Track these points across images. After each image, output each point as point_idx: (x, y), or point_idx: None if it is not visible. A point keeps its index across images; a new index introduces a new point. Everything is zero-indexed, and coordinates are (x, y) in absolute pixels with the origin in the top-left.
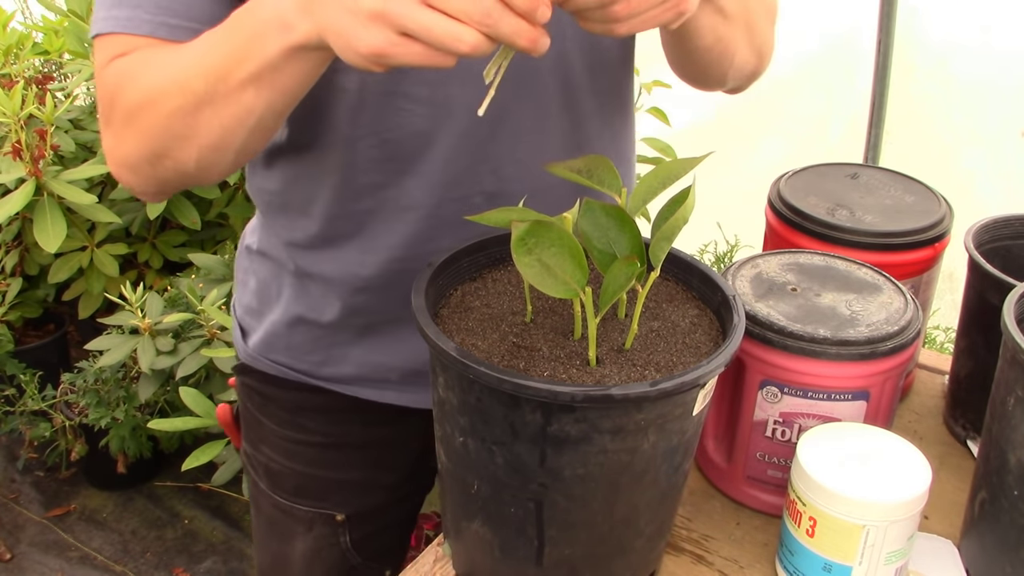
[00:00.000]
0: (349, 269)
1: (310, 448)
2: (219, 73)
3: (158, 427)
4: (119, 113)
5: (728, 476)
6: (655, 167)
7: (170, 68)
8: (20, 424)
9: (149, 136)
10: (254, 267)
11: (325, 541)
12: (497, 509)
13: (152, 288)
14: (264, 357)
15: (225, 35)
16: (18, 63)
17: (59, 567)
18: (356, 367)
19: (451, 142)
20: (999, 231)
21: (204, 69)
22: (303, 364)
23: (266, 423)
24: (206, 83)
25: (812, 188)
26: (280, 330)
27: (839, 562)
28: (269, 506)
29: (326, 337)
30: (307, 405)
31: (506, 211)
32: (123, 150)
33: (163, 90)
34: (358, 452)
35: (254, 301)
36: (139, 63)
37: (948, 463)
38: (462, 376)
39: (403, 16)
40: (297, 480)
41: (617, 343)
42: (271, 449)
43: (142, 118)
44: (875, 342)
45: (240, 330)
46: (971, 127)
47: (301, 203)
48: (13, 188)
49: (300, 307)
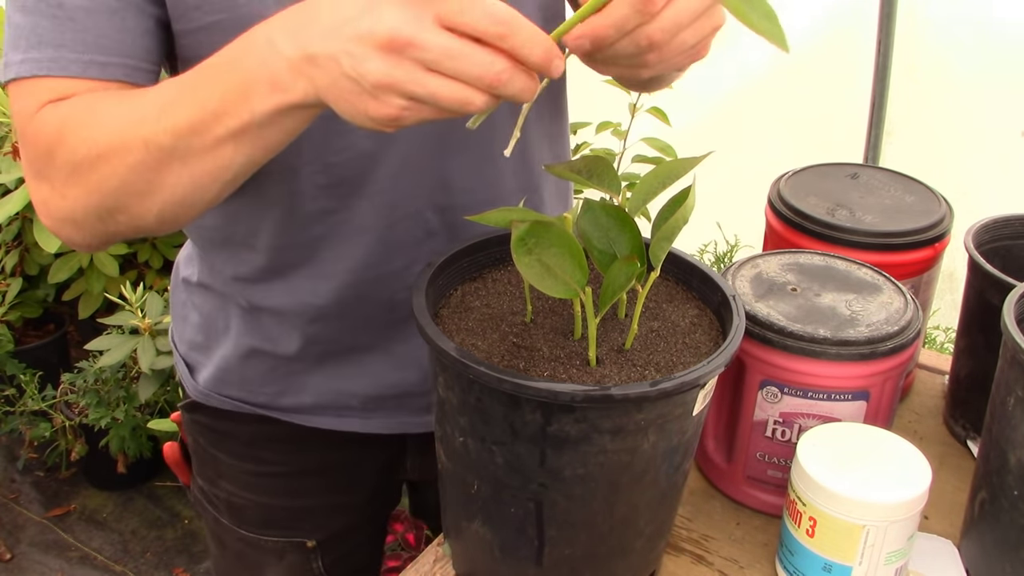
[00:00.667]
0: (302, 299)
1: (271, 479)
2: (192, 127)
3: (158, 427)
4: (61, 166)
5: (728, 476)
6: (655, 167)
7: (125, 118)
8: (20, 424)
9: (101, 192)
10: (195, 300)
11: (298, 569)
12: (497, 509)
13: (152, 288)
14: (216, 393)
15: (197, 87)
16: None
17: (59, 567)
18: (315, 396)
19: (397, 161)
20: (999, 231)
21: (172, 123)
22: (259, 397)
23: (222, 458)
24: (175, 137)
25: (812, 188)
26: (232, 364)
27: (839, 562)
28: (234, 540)
29: (282, 367)
30: (263, 436)
31: (506, 211)
32: (65, 205)
33: (119, 143)
34: (320, 478)
35: (199, 336)
36: (83, 110)
37: (948, 463)
38: (462, 376)
39: (410, 84)
40: (262, 512)
41: (617, 343)
42: (231, 483)
43: (92, 173)
44: (875, 342)
45: (186, 366)
46: (971, 127)
47: (244, 236)
48: (13, 188)
49: (253, 339)
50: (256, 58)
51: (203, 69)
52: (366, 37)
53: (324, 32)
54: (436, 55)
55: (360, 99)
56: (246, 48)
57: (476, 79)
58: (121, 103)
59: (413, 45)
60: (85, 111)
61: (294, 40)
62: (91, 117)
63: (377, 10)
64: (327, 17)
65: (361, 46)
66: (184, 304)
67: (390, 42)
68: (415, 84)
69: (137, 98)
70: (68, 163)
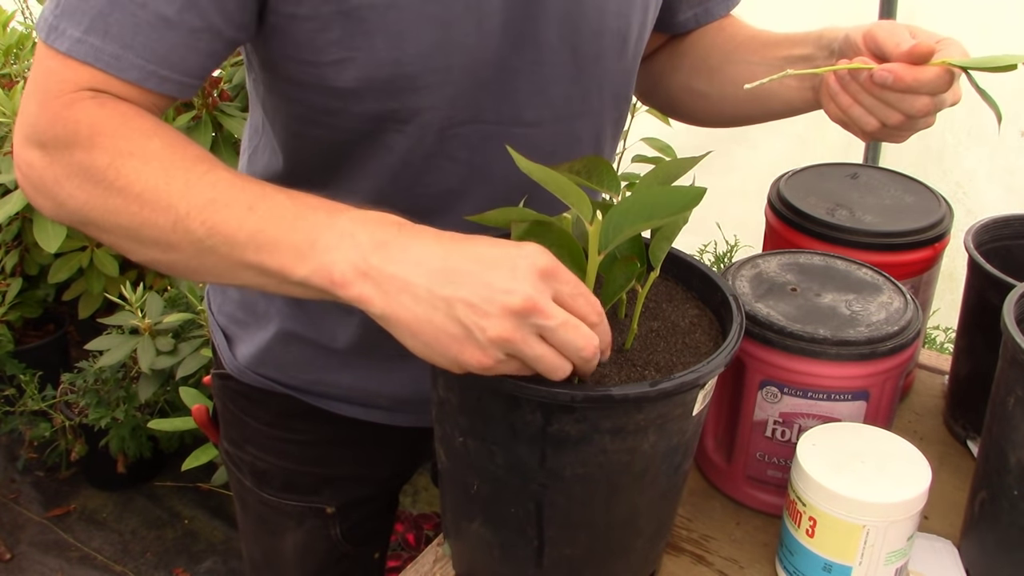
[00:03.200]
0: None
1: (298, 446)
2: (229, 240)
3: (158, 427)
4: (73, 164)
5: (728, 476)
6: (655, 167)
7: (169, 184)
8: (20, 424)
9: (98, 215)
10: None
11: (316, 534)
12: (497, 509)
13: (152, 288)
14: (252, 371)
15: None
16: (18, 63)
17: (59, 567)
18: (346, 390)
19: (480, 203)
20: (999, 231)
21: (213, 221)
22: (293, 380)
23: (250, 423)
24: (208, 235)
25: (812, 188)
26: (272, 347)
27: (839, 562)
28: (256, 503)
29: (319, 358)
30: (293, 411)
31: (506, 211)
32: (54, 188)
33: (152, 201)
34: (346, 450)
35: (239, 312)
36: (128, 138)
37: (948, 463)
38: (462, 376)
39: (522, 344)
40: (284, 477)
41: (617, 343)
42: (256, 448)
43: (108, 200)
44: (875, 342)
45: (224, 337)
46: (971, 127)
47: None
48: (13, 188)
49: (296, 326)
50: (329, 240)
51: (267, 199)
52: (501, 295)
53: (442, 271)
54: (556, 324)
55: (461, 345)
56: (323, 222)
57: (579, 349)
58: (173, 155)
59: (541, 313)
60: (130, 136)
61: (382, 255)
62: (135, 148)
63: (516, 274)
64: (443, 261)
65: (491, 303)
66: None
67: (523, 308)
68: (527, 346)
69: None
70: (83, 168)
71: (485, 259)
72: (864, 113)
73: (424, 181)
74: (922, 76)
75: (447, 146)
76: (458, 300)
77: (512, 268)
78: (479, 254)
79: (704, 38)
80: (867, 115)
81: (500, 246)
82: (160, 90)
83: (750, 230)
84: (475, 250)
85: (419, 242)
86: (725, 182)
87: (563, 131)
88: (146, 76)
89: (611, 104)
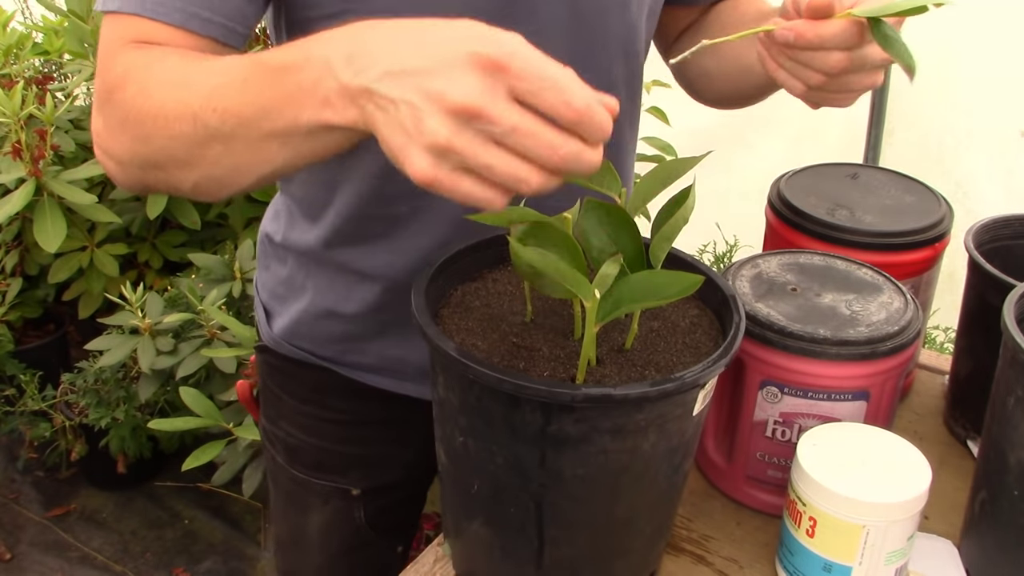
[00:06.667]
0: (378, 268)
1: (331, 424)
2: (240, 118)
3: (158, 427)
4: (116, 109)
5: (728, 476)
6: (655, 167)
7: (183, 83)
8: (20, 424)
9: (146, 148)
10: (278, 255)
11: (340, 515)
12: (497, 509)
13: (152, 288)
14: (287, 342)
15: (251, 79)
16: (18, 63)
17: (59, 567)
18: (376, 359)
19: None
20: (999, 231)
21: (222, 106)
22: (326, 351)
23: (286, 399)
24: (222, 121)
25: (812, 188)
26: (306, 319)
27: (839, 562)
28: (287, 480)
29: (351, 330)
30: (327, 385)
31: (506, 211)
32: (114, 144)
33: (170, 108)
34: (376, 429)
35: (280, 288)
36: (151, 65)
37: (948, 463)
38: (462, 376)
39: (467, 152)
40: (315, 455)
41: (617, 343)
42: (290, 425)
43: (141, 128)
44: (875, 342)
45: (264, 311)
46: (971, 127)
47: (336, 204)
48: (13, 188)
49: (328, 300)
50: (311, 74)
51: (257, 65)
52: (436, 97)
53: (390, 73)
54: (504, 130)
55: (406, 151)
56: (301, 61)
57: (543, 159)
58: (185, 65)
59: (482, 117)
60: (154, 65)
61: (352, 68)
62: (152, 75)
63: (453, 71)
64: (395, 58)
65: (428, 103)
66: (267, 255)
67: (461, 109)
68: (472, 154)
69: (198, 65)
70: (122, 109)
71: (430, 51)
72: (788, 76)
73: None
74: (825, 31)
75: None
76: (402, 102)
77: (452, 60)
78: (425, 44)
79: (721, 14)
80: (791, 78)
81: (447, 31)
82: (205, 32)
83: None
84: (423, 39)
85: (378, 42)
86: (725, 182)
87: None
88: (188, 18)
89: (620, 60)
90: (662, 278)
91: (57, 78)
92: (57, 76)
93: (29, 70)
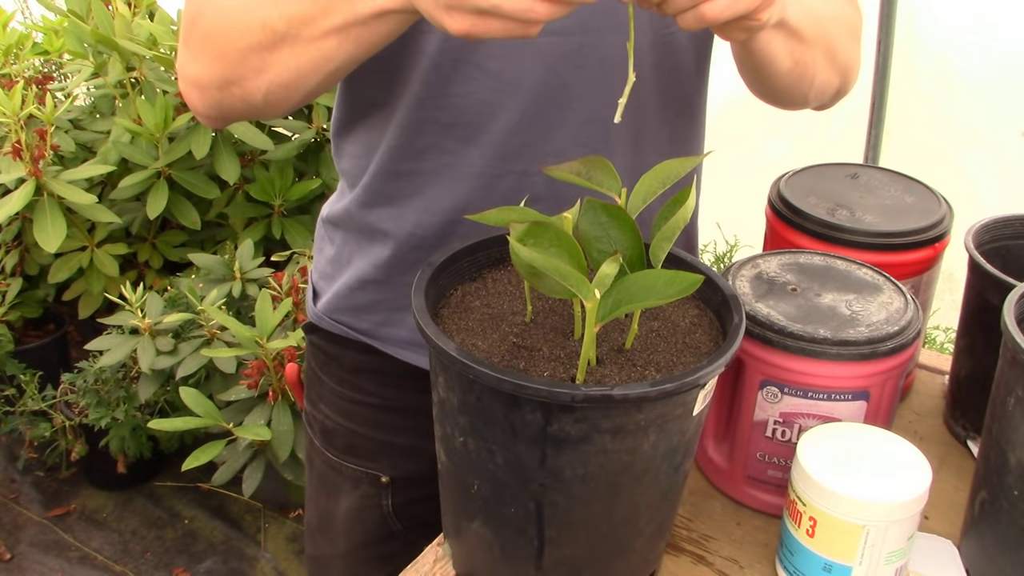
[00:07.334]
0: (408, 228)
1: (365, 408)
2: (303, 18)
3: (158, 427)
4: (197, 34)
5: (728, 476)
6: (656, 166)
7: (252, 1)
8: (20, 424)
9: (223, 62)
10: (330, 235)
11: (368, 501)
12: (497, 509)
13: (152, 288)
14: (328, 316)
15: None
16: (18, 63)
17: (59, 567)
18: (410, 331)
19: (514, 117)
20: (999, 231)
21: (288, 11)
22: (363, 323)
23: (326, 381)
24: (288, 24)
25: (812, 188)
26: (345, 291)
27: (839, 562)
28: (321, 462)
29: (385, 300)
30: (366, 367)
31: (506, 211)
32: (195, 69)
33: (242, 21)
34: (411, 417)
35: (328, 267)
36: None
37: (948, 463)
38: (462, 376)
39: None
40: (349, 439)
41: (617, 343)
42: (328, 407)
43: (218, 43)
44: (875, 342)
45: (313, 292)
46: (971, 127)
47: (373, 165)
48: (13, 188)
49: (364, 269)
50: None
51: None
52: None
53: None
54: None
55: (438, 15)
56: None
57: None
58: None
59: None
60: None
61: None
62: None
63: None
64: None
65: None
66: (322, 238)
67: None
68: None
69: None
70: (202, 32)
71: None
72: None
73: (456, 91)
74: None
75: (475, 55)
76: None
77: None
78: None
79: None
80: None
81: None
82: None
83: (750, 230)
84: None
85: None
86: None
87: (590, 44)
88: None
89: (645, 25)
90: (662, 278)
91: (57, 78)
92: (57, 76)
93: (29, 70)
